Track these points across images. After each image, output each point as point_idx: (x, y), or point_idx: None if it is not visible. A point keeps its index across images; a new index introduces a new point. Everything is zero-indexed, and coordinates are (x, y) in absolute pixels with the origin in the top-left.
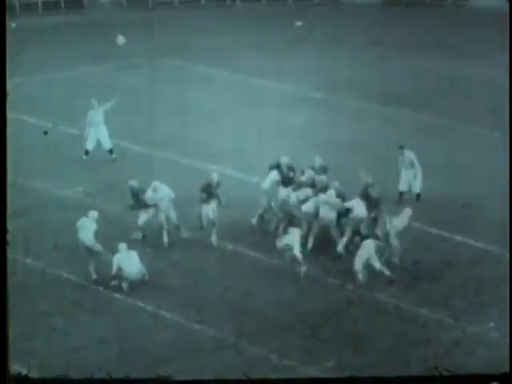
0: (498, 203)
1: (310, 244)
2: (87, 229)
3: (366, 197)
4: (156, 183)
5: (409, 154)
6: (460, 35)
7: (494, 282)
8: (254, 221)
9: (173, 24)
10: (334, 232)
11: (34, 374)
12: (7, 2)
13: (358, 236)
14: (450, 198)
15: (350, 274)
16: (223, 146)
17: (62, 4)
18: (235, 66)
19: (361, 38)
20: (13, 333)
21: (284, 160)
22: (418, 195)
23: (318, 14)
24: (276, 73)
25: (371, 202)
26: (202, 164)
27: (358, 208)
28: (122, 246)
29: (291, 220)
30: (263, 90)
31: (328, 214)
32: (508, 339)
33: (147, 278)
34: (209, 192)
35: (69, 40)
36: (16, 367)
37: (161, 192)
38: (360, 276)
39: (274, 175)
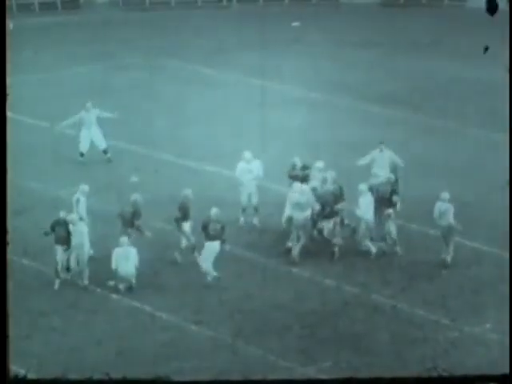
0: (497, 204)
1: (295, 252)
2: (85, 235)
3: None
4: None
5: (390, 155)
6: (457, 36)
7: (491, 283)
8: (242, 221)
9: (169, 24)
10: (305, 234)
11: (32, 374)
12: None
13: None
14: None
15: (347, 274)
16: (222, 146)
17: (59, 4)
18: (233, 66)
19: (359, 38)
20: (11, 333)
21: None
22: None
23: (316, 14)
24: (275, 73)
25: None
26: (201, 164)
27: (365, 208)
28: (123, 239)
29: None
30: (261, 91)
31: (299, 216)
32: (508, 340)
33: (133, 281)
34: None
35: (66, 40)
36: (14, 368)
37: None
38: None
39: (242, 165)
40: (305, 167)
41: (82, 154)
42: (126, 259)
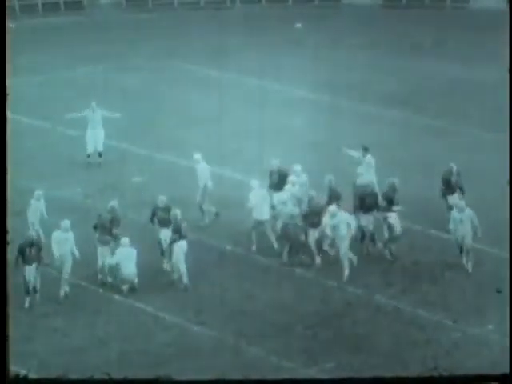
0: (497, 204)
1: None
2: (72, 243)
3: (388, 200)
4: (66, 221)
5: (371, 160)
6: (459, 37)
7: (493, 284)
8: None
9: (172, 25)
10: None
11: (33, 375)
12: (7, 3)
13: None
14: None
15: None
16: (222, 147)
17: (62, 5)
18: (234, 67)
19: (360, 39)
20: (12, 333)
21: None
22: None
23: (318, 15)
24: (275, 74)
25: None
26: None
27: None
28: (125, 240)
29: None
30: (263, 92)
31: (279, 224)
32: (508, 341)
33: (136, 281)
34: (158, 214)
35: (68, 41)
36: (15, 368)
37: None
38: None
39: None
40: (280, 172)
41: (88, 155)
42: (129, 260)
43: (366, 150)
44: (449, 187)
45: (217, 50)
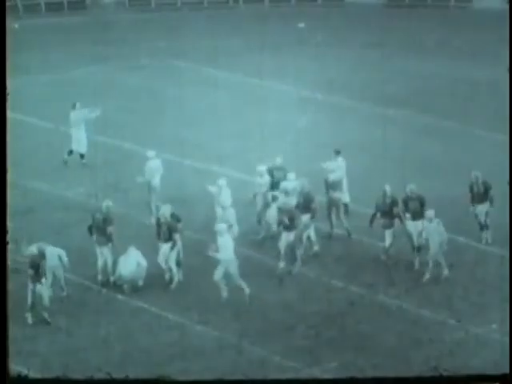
0: (498, 204)
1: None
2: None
3: (405, 204)
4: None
5: (342, 163)
6: (462, 37)
7: (496, 283)
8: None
9: (175, 25)
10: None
11: (34, 375)
12: (10, 3)
13: None
14: (452, 199)
15: (353, 274)
16: (225, 147)
17: (65, 5)
18: (237, 67)
19: (363, 39)
20: (13, 333)
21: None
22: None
23: (321, 15)
24: (278, 74)
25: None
26: (204, 165)
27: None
28: (132, 249)
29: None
30: (265, 91)
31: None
32: (508, 340)
33: (141, 282)
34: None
35: (71, 41)
36: (18, 367)
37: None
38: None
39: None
40: (270, 170)
41: (82, 156)
42: (127, 261)
43: (337, 152)
44: (472, 195)
45: (220, 50)
